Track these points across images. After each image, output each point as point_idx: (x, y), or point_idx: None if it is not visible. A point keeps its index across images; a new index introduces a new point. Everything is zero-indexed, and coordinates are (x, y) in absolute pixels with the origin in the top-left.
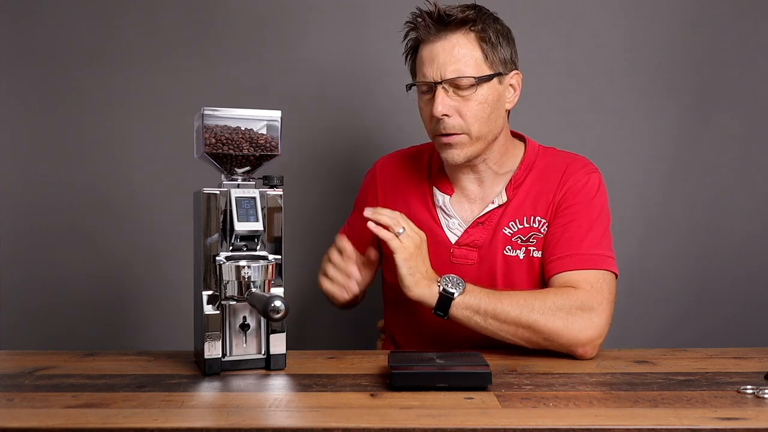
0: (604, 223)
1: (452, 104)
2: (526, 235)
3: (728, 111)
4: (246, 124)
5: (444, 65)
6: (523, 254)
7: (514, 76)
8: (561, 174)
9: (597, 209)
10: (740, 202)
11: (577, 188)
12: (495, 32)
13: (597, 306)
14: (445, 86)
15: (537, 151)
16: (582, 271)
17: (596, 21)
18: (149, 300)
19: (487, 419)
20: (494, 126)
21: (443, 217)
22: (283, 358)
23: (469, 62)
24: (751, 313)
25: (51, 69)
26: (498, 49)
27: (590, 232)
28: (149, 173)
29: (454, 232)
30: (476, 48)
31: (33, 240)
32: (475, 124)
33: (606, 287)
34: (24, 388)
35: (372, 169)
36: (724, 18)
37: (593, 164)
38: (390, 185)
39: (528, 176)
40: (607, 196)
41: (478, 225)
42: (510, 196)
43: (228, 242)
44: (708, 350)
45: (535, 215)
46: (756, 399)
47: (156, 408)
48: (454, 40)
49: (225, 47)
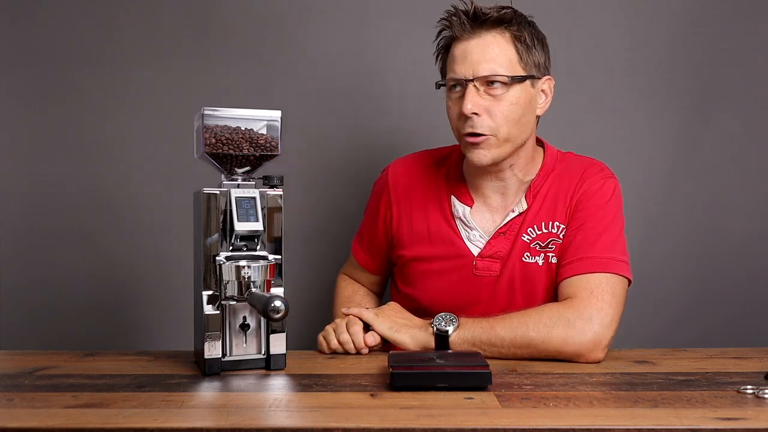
0: (617, 227)
1: (483, 103)
2: (545, 241)
3: (728, 111)
4: (246, 124)
5: (477, 63)
6: (542, 260)
7: (547, 82)
8: (577, 178)
9: (611, 214)
10: (740, 202)
11: (591, 192)
12: (530, 35)
13: (596, 313)
14: (477, 84)
15: (556, 157)
16: (589, 275)
17: (596, 21)
18: (149, 300)
19: (487, 419)
20: (523, 130)
21: (463, 228)
22: (283, 358)
23: (503, 61)
24: (751, 313)
25: (51, 69)
26: (532, 52)
27: (603, 235)
28: (149, 173)
29: (476, 244)
30: (511, 48)
31: (33, 240)
32: (505, 125)
33: (609, 291)
34: (24, 388)
35: (384, 176)
36: (724, 18)
37: (610, 170)
38: (404, 195)
39: (546, 182)
40: (622, 201)
41: (500, 235)
42: (529, 203)
43: (228, 242)
44: (708, 350)
45: (554, 220)
46: (756, 399)
47: (156, 408)
48: (489, 39)
49: (225, 47)
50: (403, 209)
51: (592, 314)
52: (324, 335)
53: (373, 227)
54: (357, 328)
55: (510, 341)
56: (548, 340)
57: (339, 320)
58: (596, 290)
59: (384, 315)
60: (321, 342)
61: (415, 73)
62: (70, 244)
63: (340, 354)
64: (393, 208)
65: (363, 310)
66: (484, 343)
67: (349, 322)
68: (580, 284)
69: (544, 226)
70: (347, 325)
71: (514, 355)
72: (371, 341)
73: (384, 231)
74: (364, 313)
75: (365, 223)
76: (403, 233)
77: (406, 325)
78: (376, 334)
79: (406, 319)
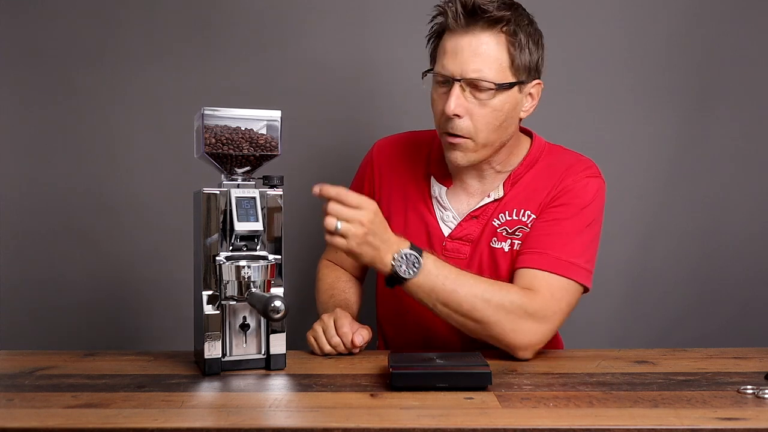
0: (592, 232)
1: (466, 105)
2: (512, 227)
3: (728, 111)
4: (246, 124)
5: (467, 62)
6: (508, 247)
7: (536, 86)
8: (560, 173)
9: (590, 217)
10: (740, 203)
11: (573, 190)
12: (527, 36)
13: (551, 316)
14: (463, 85)
15: (542, 149)
16: (555, 276)
17: (596, 21)
18: (149, 300)
19: (487, 419)
20: (503, 134)
21: (438, 208)
22: (283, 358)
23: (493, 65)
24: (751, 313)
25: (51, 69)
26: (525, 55)
27: (575, 238)
28: (149, 173)
29: (448, 225)
30: (504, 51)
31: (33, 240)
32: (485, 130)
33: (566, 298)
34: (24, 388)
35: (369, 153)
36: (724, 18)
37: (598, 169)
38: (387, 171)
39: (528, 172)
40: (604, 204)
41: (472, 219)
42: (506, 190)
43: (228, 242)
44: (708, 350)
45: (526, 209)
46: (756, 399)
47: (156, 408)
48: (483, 39)
49: (225, 47)
50: (384, 186)
51: (547, 316)
52: (314, 335)
53: None
54: (346, 329)
55: (467, 311)
56: (499, 324)
57: (327, 319)
58: (557, 295)
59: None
60: (312, 342)
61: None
62: (69, 244)
63: (339, 355)
64: (375, 184)
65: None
66: (439, 301)
67: (337, 321)
68: (543, 282)
69: (515, 213)
70: (336, 325)
71: (460, 324)
72: (359, 341)
73: None
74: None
75: None
76: (382, 209)
77: (380, 252)
78: (363, 334)
79: (382, 242)
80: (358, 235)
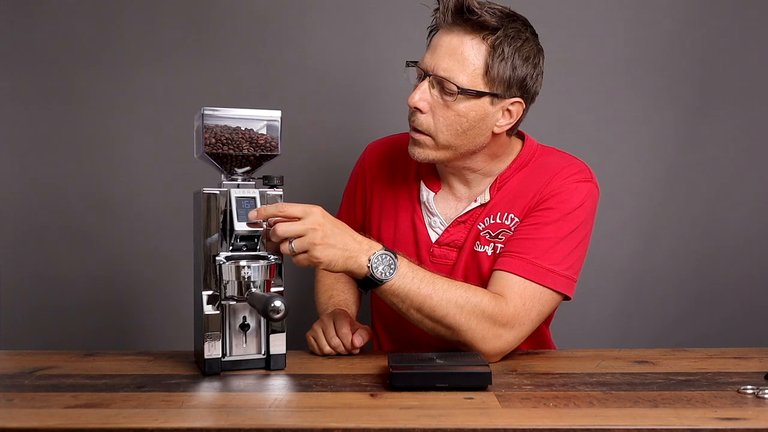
0: (576, 238)
1: (431, 102)
2: (496, 231)
3: (728, 111)
4: (246, 124)
5: (440, 60)
6: (491, 250)
7: (515, 104)
8: (547, 176)
9: (574, 222)
10: (740, 203)
11: (559, 194)
12: (514, 50)
13: (519, 326)
14: (433, 81)
15: (534, 152)
16: (525, 281)
17: (596, 21)
18: (149, 300)
19: (487, 419)
20: (469, 142)
21: (426, 214)
22: (283, 358)
23: (466, 69)
24: (751, 313)
25: (51, 69)
26: (506, 69)
27: (557, 244)
28: (149, 173)
29: (436, 231)
30: (480, 59)
31: (33, 240)
32: (445, 131)
33: (537, 307)
34: (24, 388)
35: (362, 157)
36: (724, 18)
37: (590, 173)
38: (377, 175)
39: (515, 176)
40: (595, 210)
41: (459, 224)
42: (493, 195)
43: (228, 242)
44: (708, 350)
45: (510, 212)
46: (756, 399)
47: (156, 408)
48: (464, 40)
49: (225, 47)
50: (375, 190)
51: (515, 326)
52: (313, 336)
53: (352, 209)
54: (345, 330)
55: (440, 317)
56: (470, 331)
57: (326, 319)
58: (528, 302)
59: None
60: (311, 343)
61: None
62: (69, 244)
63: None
64: (367, 189)
65: None
66: (413, 306)
67: (336, 322)
68: (514, 287)
69: (499, 217)
70: (336, 326)
71: (430, 329)
72: (359, 342)
73: (362, 212)
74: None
75: (344, 205)
76: (374, 214)
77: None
78: (363, 335)
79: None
80: (316, 242)
